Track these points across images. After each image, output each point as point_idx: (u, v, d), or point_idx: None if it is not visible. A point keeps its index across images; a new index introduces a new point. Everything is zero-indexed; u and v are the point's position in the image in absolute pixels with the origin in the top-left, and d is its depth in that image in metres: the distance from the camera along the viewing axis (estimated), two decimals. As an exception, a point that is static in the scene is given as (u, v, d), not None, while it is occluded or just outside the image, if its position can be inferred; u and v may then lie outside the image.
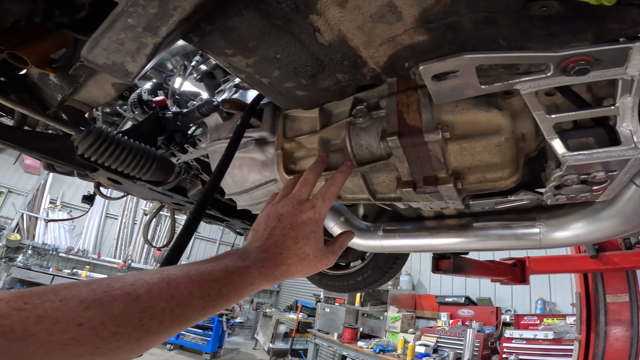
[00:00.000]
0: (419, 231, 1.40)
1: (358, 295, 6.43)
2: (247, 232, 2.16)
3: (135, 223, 10.83)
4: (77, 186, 10.04)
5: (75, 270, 9.12)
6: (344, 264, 2.65)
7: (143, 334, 0.36)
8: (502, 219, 1.28)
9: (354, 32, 0.58)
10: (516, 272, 2.56)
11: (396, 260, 2.26)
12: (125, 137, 1.14)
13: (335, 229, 1.58)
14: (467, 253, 2.05)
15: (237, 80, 1.28)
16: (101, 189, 1.66)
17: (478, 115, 0.70)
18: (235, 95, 1.19)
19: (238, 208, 1.25)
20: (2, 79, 1.24)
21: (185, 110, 1.25)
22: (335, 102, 0.92)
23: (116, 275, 0.40)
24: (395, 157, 0.77)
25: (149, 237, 10.74)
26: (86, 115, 1.27)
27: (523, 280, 2.55)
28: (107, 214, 10.43)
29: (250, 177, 1.10)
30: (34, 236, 8.98)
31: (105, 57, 0.51)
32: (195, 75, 1.90)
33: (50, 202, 9.57)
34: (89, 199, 2.10)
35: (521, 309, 5.05)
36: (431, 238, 1.38)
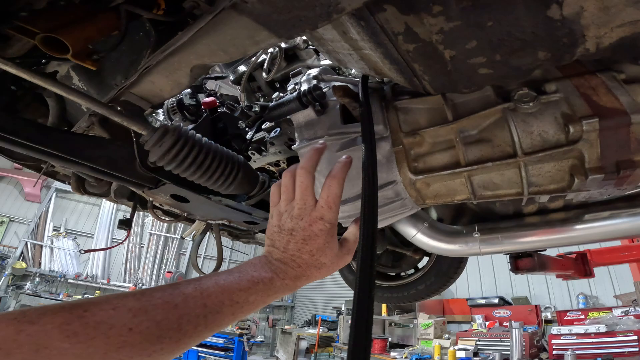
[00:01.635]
0: (524, 228, 1.26)
1: (384, 305, 6.23)
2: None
3: (142, 247, 10.62)
4: (79, 213, 9.88)
5: (86, 295, 8.99)
6: (394, 274, 2.49)
7: (181, 336, 0.42)
8: (613, 207, 1.16)
9: (593, 10, 0.52)
10: (579, 266, 2.41)
11: (460, 263, 2.10)
12: (205, 138, 0.96)
13: (419, 236, 1.43)
14: (545, 250, 1.91)
15: (315, 71, 1.13)
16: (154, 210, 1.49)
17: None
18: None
19: (333, 220, 1.09)
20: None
21: (275, 103, 1.06)
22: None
23: (158, 286, 0.45)
24: (586, 142, 0.67)
25: (153, 262, 10.48)
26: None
27: (588, 273, 2.40)
28: (113, 239, 10.21)
29: (359, 181, 0.94)
30: (40, 264, 8.85)
31: None
32: (231, 77, 1.75)
33: (54, 230, 9.41)
34: (126, 224, 1.88)
35: (561, 305, 4.89)
36: (539, 235, 1.24)
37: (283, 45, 1.47)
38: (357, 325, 0.46)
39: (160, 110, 1.60)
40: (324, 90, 0.95)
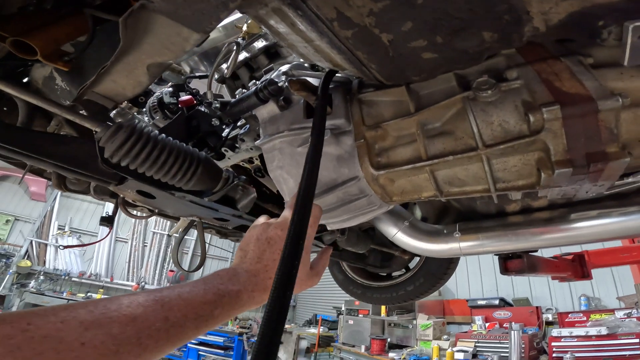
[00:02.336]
0: (506, 228, 1.20)
1: (383, 305, 6.17)
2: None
3: (146, 245, 10.70)
4: (84, 212, 9.96)
5: (89, 294, 9.02)
6: (385, 275, 2.43)
7: (141, 351, 0.39)
8: (602, 206, 1.11)
9: None
10: (576, 267, 2.33)
11: (450, 265, 2.04)
12: (163, 134, 0.94)
13: (400, 235, 1.38)
14: (536, 251, 1.84)
15: (285, 67, 1.09)
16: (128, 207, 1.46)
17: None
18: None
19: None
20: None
21: (235, 100, 1.04)
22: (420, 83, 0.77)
23: (112, 297, 0.42)
24: (549, 132, 0.62)
25: (157, 260, 10.54)
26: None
27: (585, 275, 2.32)
28: (117, 237, 10.30)
29: (321, 177, 0.90)
30: (44, 262, 8.94)
31: None
32: (215, 76, 1.72)
33: (59, 229, 9.53)
34: (107, 221, 1.86)
35: (562, 306, 4.77)
36: (522, 235, 1.19)
37: (264, 43, 1.45)
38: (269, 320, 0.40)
39: (144, 109, 1.58)
40: (279, 84, 0.91)
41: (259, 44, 1.48)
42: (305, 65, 1.19)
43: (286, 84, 0.92)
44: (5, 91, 0.84)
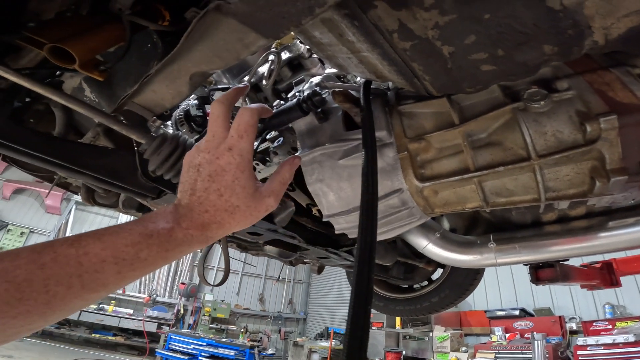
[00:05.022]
0: (543, 238, 1.18)
1: (398, 317, 6.06)
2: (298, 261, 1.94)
3: (157, 258, 10.73)
4: (98, 225, 10.09)
5: (101, 305, 9.12)
6: (407, 286, 2.40)
7: (50, 298, 0.38)
8: (639, 213, 1.09)
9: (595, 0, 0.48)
10: (605, 275, 2.28)
11: (477, 275, 2.01)
12: None
13: (431, 247, 1.36)
14: (567, 259, 1.81)
15: (317, 79, 1.11)
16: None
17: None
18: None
19: (337, 232, 1.04)
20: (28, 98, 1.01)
21: (275, 111, 1.03)
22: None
23: (30, 245, 0.41)
24: (605, 141, 0.62)
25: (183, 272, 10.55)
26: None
27: (614, 283, 2.26)
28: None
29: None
30: (58, 275, 9.09)
31: None
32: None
33: (73, 243, 9.63)
34: None
35: (586, 315, 4.64)
36: (560, 244, 1.17)
37: (287, 54, 1.47)
38: (352, 334, 0.42)
39: (169, 122, 1.61)
40: (323, 96, 0.92)
41: (283, 55, 1.51)
42: (332, 75, 1.21)
43: (329, 95, 0.93)
44: (53, 99, 0.79)
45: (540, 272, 1.64)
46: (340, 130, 0.92)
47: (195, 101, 1.54)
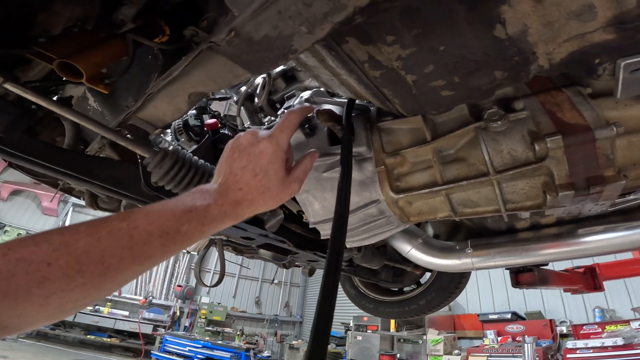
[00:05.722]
0: (516, 244, 1.26)
1: (392, 320, 6.11)
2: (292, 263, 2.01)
3: (153, 260, 10.73)
4: (94, 227, 10.06)
5: (97, 307, 9.09)
6: (396, 289, 2.47)
7: (105, 270, 0.40)
8: (608, 222, 1.17)
9: (538, 27, 0.55)
10: (588, 280, 2.35)
11: (461, 279, 2.08)
12: (202, 160, 1.03)
13: (413, 252, 1.44)
14: (547, 264, 1.88)
15: (307, 94, 1.19)
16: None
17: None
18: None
19: (322, 237, 1.12)
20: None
21: (266, 127, 1.13)
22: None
23: (89, 220, 0.43)
24: (553, 159, 0.69)
25: (169, 275, 10.55)
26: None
27: (597, 287, 2.34)
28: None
29: (345, 200, 0.98)
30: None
31: (271, 25, 0.42)
32: (234, 98, 1.82)
33: (69, 245, 9.61)
34: None
35: (576, 319, 4.72)
36: (532, 250, 1.24)
37: (282, 67, 1.55)
38: (317, 329, 0.47)
39: (168, 130, 1.68)
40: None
41: (277, 68, 1.58)
42: (322, 90, 1.29)
43: (314, 113, 1.01)
44: (65, 115, 0.86)
45: (520, 277, 1.72)
46: (325, 145, 0.99)
47: (194, 111, 1.61)
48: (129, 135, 1.05)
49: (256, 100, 1.33)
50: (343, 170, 0.72)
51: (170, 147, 1.02)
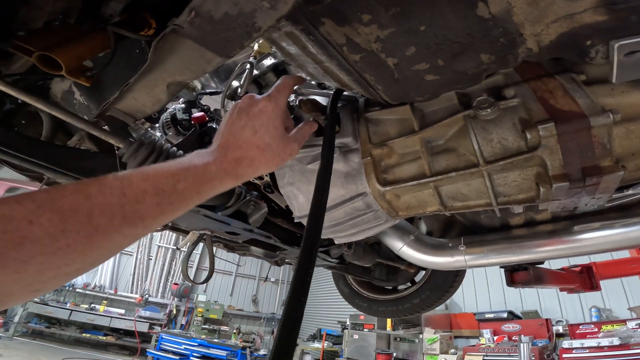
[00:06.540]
0: (510, 241, 1.22)
1: (389, 319, 6.10)
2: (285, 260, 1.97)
3: (151, 259, 10.73)
4: (90, 225, 10.04)
5: (93, 305, 9.10)
6: (391, 288, 2.43)
7: (92, 231, 0.36)
8: (605, 218, 1.13)
9: (523, 6, 0.51)
10: (585, 279, 2.32)
11: (456, 278, 2.05)
12: (181, 151, 0.99)
13: (405, 249, 1.40)
14: (542, 262, 1.85)
15: (295, 86, 1.15)
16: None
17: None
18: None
19: (308, 231, 1.07)
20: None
21: None
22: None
23: (83, 179, 0.40)
24: (545, 148, 0.65)
25: (164, 272, 10.51)
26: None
27: (594, 286, 2.31)
28: (122, 250, 10.35)
29: (330, 193, 0.93)
30: (49, 274, 9.10)
31: (230, 2, 0.43)
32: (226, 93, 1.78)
33: (65, 242, 9.61)
34: None
35: (573, 318, 4.70)
36: (526, 247, 1.21)
37: (273, 61, 1.51)
38: (285, 326, 0.44)
39: (157, 125, 1.64)
40: (290, 104, 0.96)
41: (268, 61, 1.54)
42: (313, 83, 1.25)
43: (297, 103, 0.97)
44: (36, 106, 0.87)
45: (515, 275, 1.68)
46: (310, 136, 0.95)
47: (182, 105, 1.57)
48: (106, 127, 1.03)
49: (239, 90, 1.29)
50: (323, 160, 0.68)
51: (157, 139, 0.98)
